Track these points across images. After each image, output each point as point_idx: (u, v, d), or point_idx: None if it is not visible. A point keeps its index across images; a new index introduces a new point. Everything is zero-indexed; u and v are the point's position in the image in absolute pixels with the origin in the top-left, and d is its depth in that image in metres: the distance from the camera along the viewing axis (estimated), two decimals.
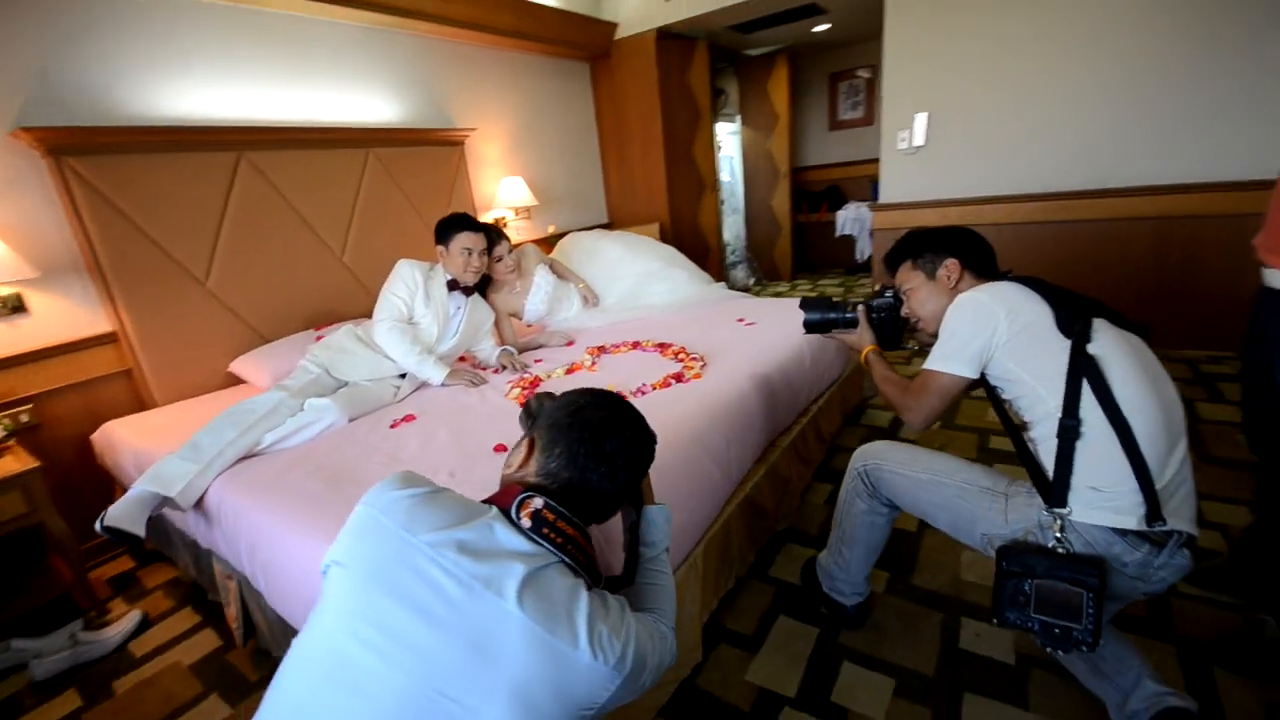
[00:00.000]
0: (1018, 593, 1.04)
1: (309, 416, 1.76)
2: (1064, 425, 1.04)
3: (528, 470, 0.84)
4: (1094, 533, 1.03)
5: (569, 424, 0.84)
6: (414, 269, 2.17)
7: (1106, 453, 1.02)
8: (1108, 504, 1.02)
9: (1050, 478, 1.06)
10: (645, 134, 4.30)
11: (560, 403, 0.89)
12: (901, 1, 3.28)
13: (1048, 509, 1.06)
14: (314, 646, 0.69)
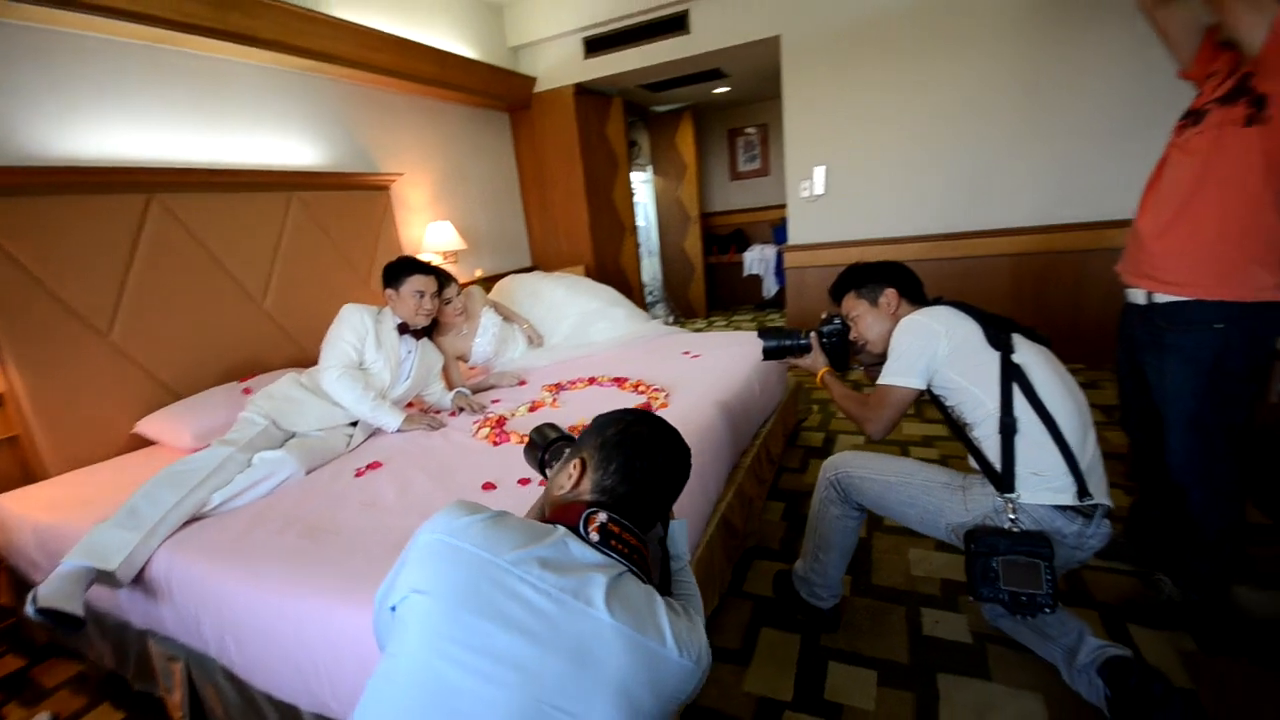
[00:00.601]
0: (987, 570, 1.19)
1: (262, 471, 1.64)
2: (1004, 423, 1.24)
3: (582, 489, 0.88)
4: (1039, 511, 1.22)
5: (620, 441, 0.89)
6: (362, 313, 2.11)
7: (1040, 443, 1.23)
8: (1047, 486, 1.22)
9: (998, 469, 1.25)
10: (567, 181, 4.44)
11: (605, 422, 0.94)
12: (795, 73, 3.71)
13: (1000, 495, 1.25)
14: (404, 677, 0.68)
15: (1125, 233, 1.62)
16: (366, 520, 1.40)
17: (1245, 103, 1.26)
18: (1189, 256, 1.37)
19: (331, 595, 1.13)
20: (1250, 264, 1.29)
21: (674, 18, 3.87)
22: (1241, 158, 1.27)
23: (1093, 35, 3.09)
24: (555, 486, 0.92)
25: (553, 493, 0.92)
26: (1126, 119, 3.13)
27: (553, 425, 1.21)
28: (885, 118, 3.57)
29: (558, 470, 0.95)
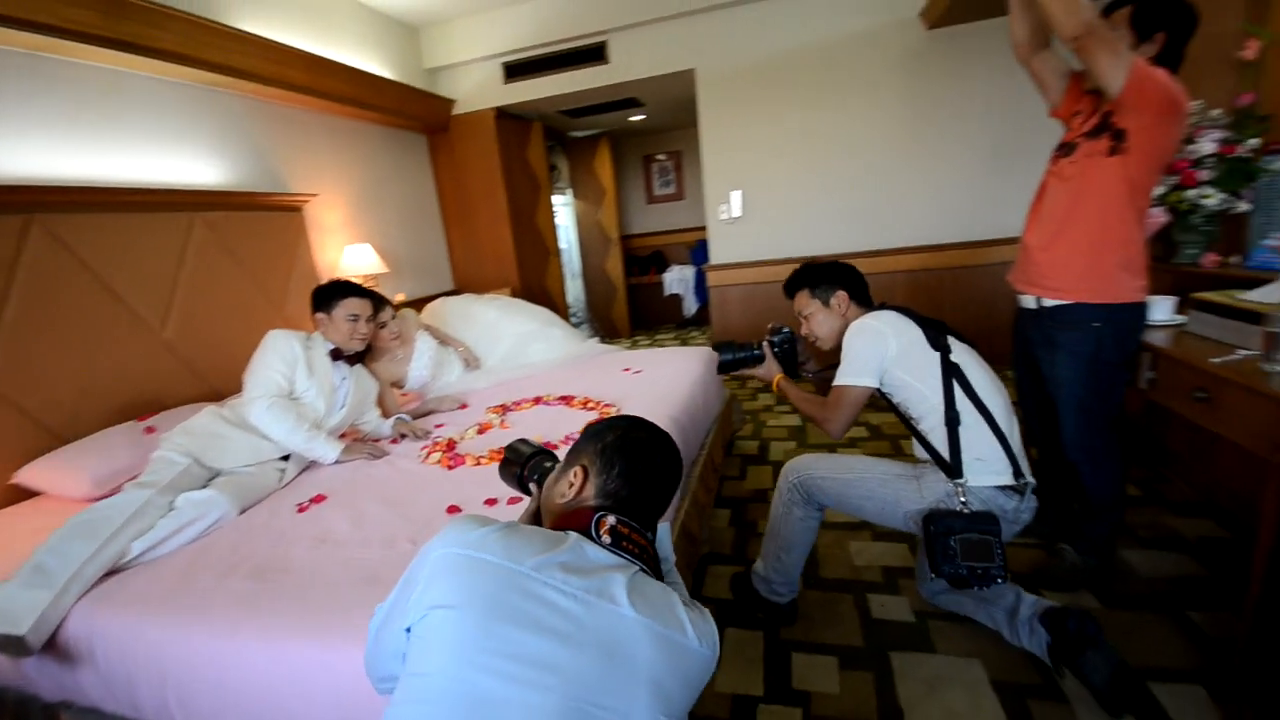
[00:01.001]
0: (946, 549, 1.31)
1: (189, 513, 1.50)
2: (948, 416, 1.39)
3: (585, 495, 0.90)
4: (985, 492, 1.37)
5: (620, 446, 0.92)
6: (290, 339, 1.98)
7: (980, 433, 1.39)
8: (990, 469, 1.37)
9: (947, 458, 1.39)
10: (490, 204, 4.41)
11: (601, 430, 0.96)
12: (710, 104, 3.94)
13: (951, 481, 1.38)
14: (437, 694, 0.66)
15: (999, 250, 1.87)
16: (321, 555, 1.32)
17: (1108, 136, 1.50)
18: (1069, 267, 1.60)
19: (298, 635, 1.06)
20: (1119, 271, 1.54)
21: (593, 48, 3.99)
22: (1107, 183, 1.52)
23: (964, 82, 3.53)
24: (555, 495, 0.93)
25: (553, 501, 0.93)
26: (994, 152, 3.59)
27: (525, 440, 1.22)
28: (793, 146, 3.86)
29: (555, 480, 0.96)
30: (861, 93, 3.69)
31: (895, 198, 3.79)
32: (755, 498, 2.46)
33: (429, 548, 0.78)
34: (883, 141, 3.73)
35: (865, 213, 3.85)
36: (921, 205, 3.77)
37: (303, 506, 1.61)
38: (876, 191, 3.81)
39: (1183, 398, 1.47)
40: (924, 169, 3.71)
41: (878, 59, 3.62)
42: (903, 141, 3.71)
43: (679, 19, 3.81)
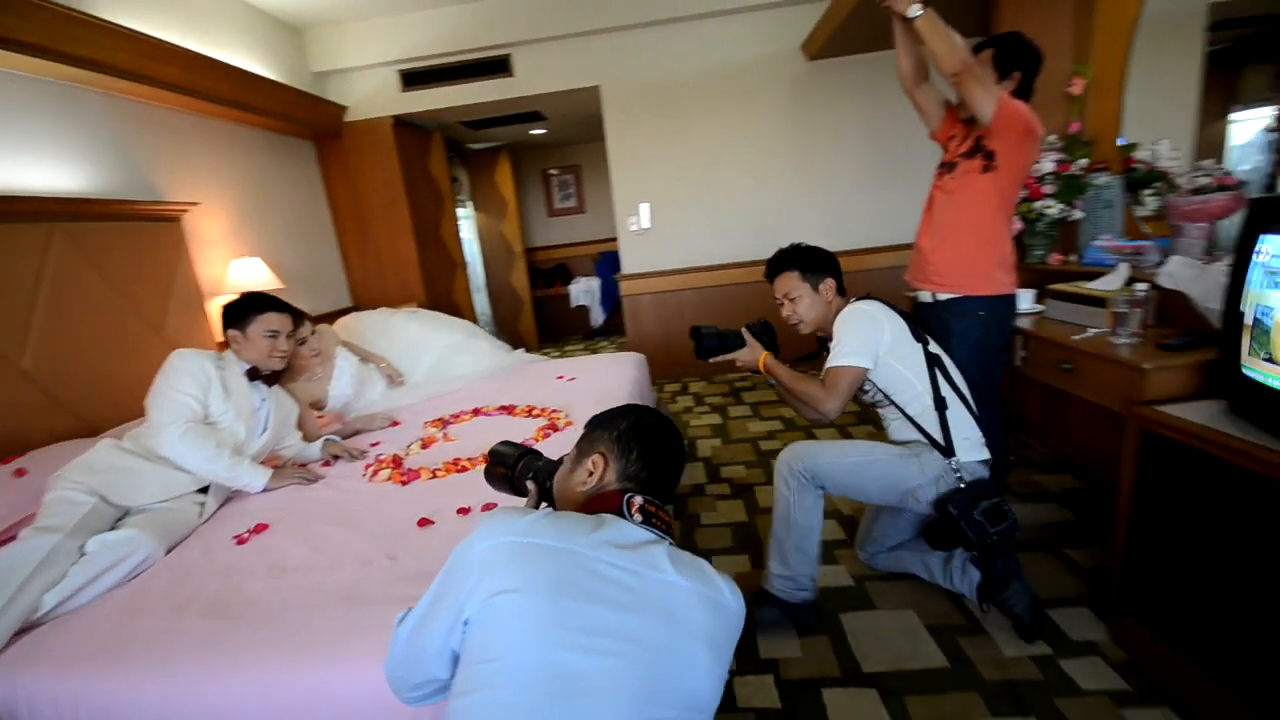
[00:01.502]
0: (974, 523, 1.44)
1: (108, 556, 1.32)
2: (937, 401, 1.54)
3: (607, 480, 0.94)
4: (973, 466, 1.55)
5: (635, 432, 0.97)
6: (199, 358, 1.80)
7: (962, 414, 1.57)
8: (974, 446, 1.55)
9: (940, 440, 1.54)
10: (392, 217, 4.22)
11: (611, 418, 1.00)
12: (615, 120, 4.08)
13: (946, 460, 1.53)
14: (518, 674, 0.68)
15: (881, 256, 2.14)
16: (284, 584, 1.23)
17: (981, 157, 1.79)
18: (956, 266, 1.88)
19: (285, 666, 1.00)
20: (996, 269, 1.83)
21: (497, 60, 3.98)
22: (982, 195, 1.81)
23: (843, 107, 3.96)
24: (574, 485, 0.96)
25: (573, 490, 0.96)
26: (871, 169, 4.04)
27: (507, 443, 1.23)
28: (697, 162, 4.09)
29: (571, 470, 0.99)
30: (755, 114, 4.00)
31: (788, 210, 4.14)
32: (693, 492, 2.58)
33: (470, 542, 0.78)
34: (775, 158, 4.07)
35: (763, 224, 4.16)
36: (812, 216, 4.15)
37: (242, 538, 1.47)
38: (772, 204, 4.14)
39: (1051, 370, 1.79)
40: (812, 184, 4.10)
41: (769, 84, 3.95)
42: (793, 158, 4.07)
43: (583, 37, 3.91)
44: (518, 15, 3.84)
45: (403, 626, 0.86)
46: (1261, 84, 2.09)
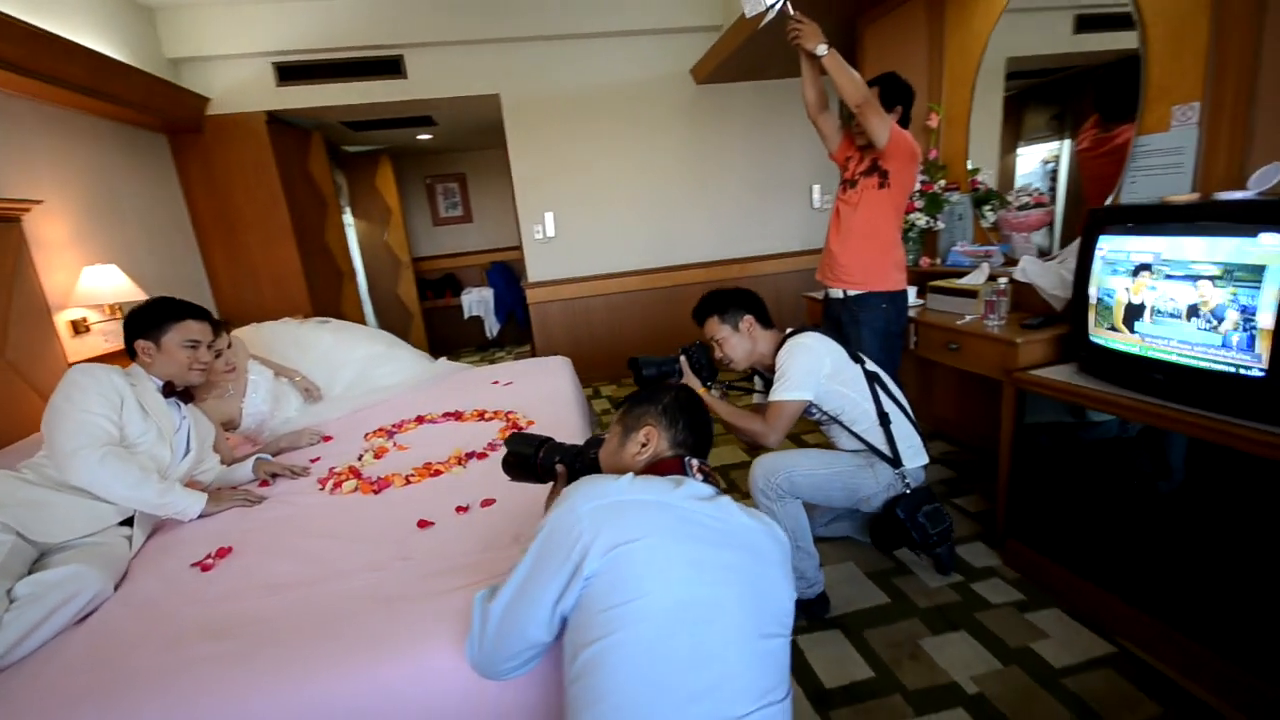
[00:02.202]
0: (918, 525, 1.65)
1: (55, 597, 1.14)
2: (880, 417, 1.71)
3: (660, 448, 1.03)
4: (917, 472, 1.75)
5: (678, 405, 1.07)
6: (107, 374, 1.59)
7: (904, 426, 1.75)
8: (916, 453, 1.75)
9: (887, 452, 1.71)
10: (268, 221, 3.85)
11: (652, 396, 1.09)
12: (517, 129, 4.10)
13: (893, 469, 1.72)
14: (658, 608, 0.76)
15: (766, 263, 2.44)
16: (290, 599, 1.16)
17: (877, 175, 2.14)
18: (862, 267, 2.20)
19: (343, 665, 0.96)
20: (894, 269, 2.18)
21: (388, 60, 3.82)
22: (879, 207, 2.15)
23: (728, 127, 4.34)
24: (627, 457, 1.04)
25: (626, 463, 1.04)
26: (753, 185, 4.47)
27: (518, 436, 1.28)
28: (598, 172, 4.24)
29: (620, 446, 1.06)
30: (651, 130, 4.25)
31: (684, 220, 4.43)
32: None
33: (571, 507, 0.84)
34: (670, 172, 4.34)
35: (661, 233, 4.41)
36: (704, 226, 4.48)
37: (206, 564, 1.33)
38: (669, 215, 4.40)
39: (941, 350, 2.17)
40: (703, 197, 4.43)
41: (663, 103, 4.22)
42: (685, 173, 4.37)
43: (483, 44, 3.90)
44: (411, 16, 3.72)
45: (494, 602, 0.89)
46: (1040, 124, 2.69)
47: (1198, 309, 1.33)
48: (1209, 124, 1.66)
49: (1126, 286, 1.50)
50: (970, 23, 2.49)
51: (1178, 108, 1.74)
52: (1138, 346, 1.48)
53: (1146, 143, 1.85)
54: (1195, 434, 1.34)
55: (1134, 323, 1.49)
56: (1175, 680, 1.40)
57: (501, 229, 6.23)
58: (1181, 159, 1.75)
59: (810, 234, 4.62)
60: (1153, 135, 1.83)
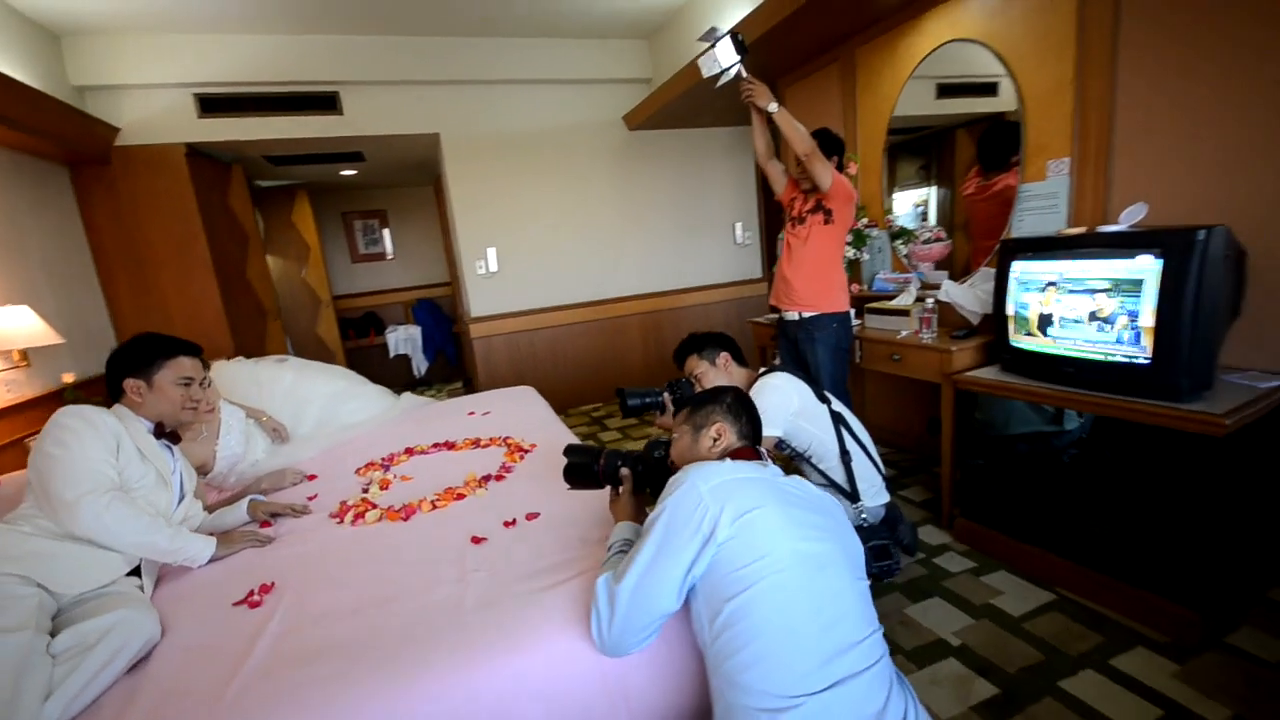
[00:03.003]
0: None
1: (109, 646, 1.07)
2: (843, 456, 1.87)
3: (731, 440, 1.19)
4: (875, 509, 1.92)
5: (741, 401, 1.24)
6: (101, 416, 1.49)
7: (865, 465, 1.92)
8: (877, 492, 1.92)
9: (846, 487, 1.87)
10: (185, 257, 3.59)
11: (715, 395, 1.25)
12: (458, 167, 4.14)
13: (852, 505, 1.88)
14: (786, 561, 0.91)
15: (695, 295, 2.75)
16: (374, 616, 1.17)
17: (822, 213, 2.47)
18: (814, 292, 2.51)
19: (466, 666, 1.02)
20: (840, 292, 2.51)
21: (324, 96, 3.77)
22: (825, 240, 2.48)
23: (658, 171, 4.66)
24: (701, 450, 1.19)
25: (701, 454, 1.18)
26: (681, 224, 4.80)
27: (577, 448, 1.39)
28: (538, 209, 4.37)
29: (694, 443, 1.20)
30: (588, 171, 4.47)
31: (619, 256, 4.66)
32: None
33: (692, 487, 0.98)
34: (605, 210, 4.57)
35: (598, 268, 4.60)
36: (637, 262, 4.73)
37: (254, 602, 1.29)
38: (605, 251, 4.61)
39: (884, 361, 2.51)
40: (636, 234, 4.69)
41: (598, 146, 4.46)
42: (619, 211, 4.62)
43: (422, 85, 3.95)
44: (349, 55, 3.71)
45: (622, 583, 0.99)
46: (911, 173, 3.21)
47: (1095, 315, 1.72)
48: (1077, 175, 2.14)
49: (1038, 300, 1.88)
50: (879, 88, 2.96)
51: (1052, 162, 2.22)
52: (1050, 347, 1.86)
53: (1028, 189, 2.31)
54: (1099, 412, 1.71)
55: (1046, 329, 1.87)
56: (1106, 614, 1.74)
57: (426, 266, 6.14)
58: (1057, 201, 2.22)
59: (733, 267, 5.02)
60: (1033, 183, 2.30)
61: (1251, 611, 1.67)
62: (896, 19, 2.75)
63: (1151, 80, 1.87)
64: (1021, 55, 2.26)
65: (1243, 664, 1.50)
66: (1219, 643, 1.57)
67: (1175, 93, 1.82)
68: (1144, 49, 1.88)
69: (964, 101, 2.91)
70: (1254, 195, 1.68)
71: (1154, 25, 1.84)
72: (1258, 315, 1.71)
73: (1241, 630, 1.61)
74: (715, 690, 0.95)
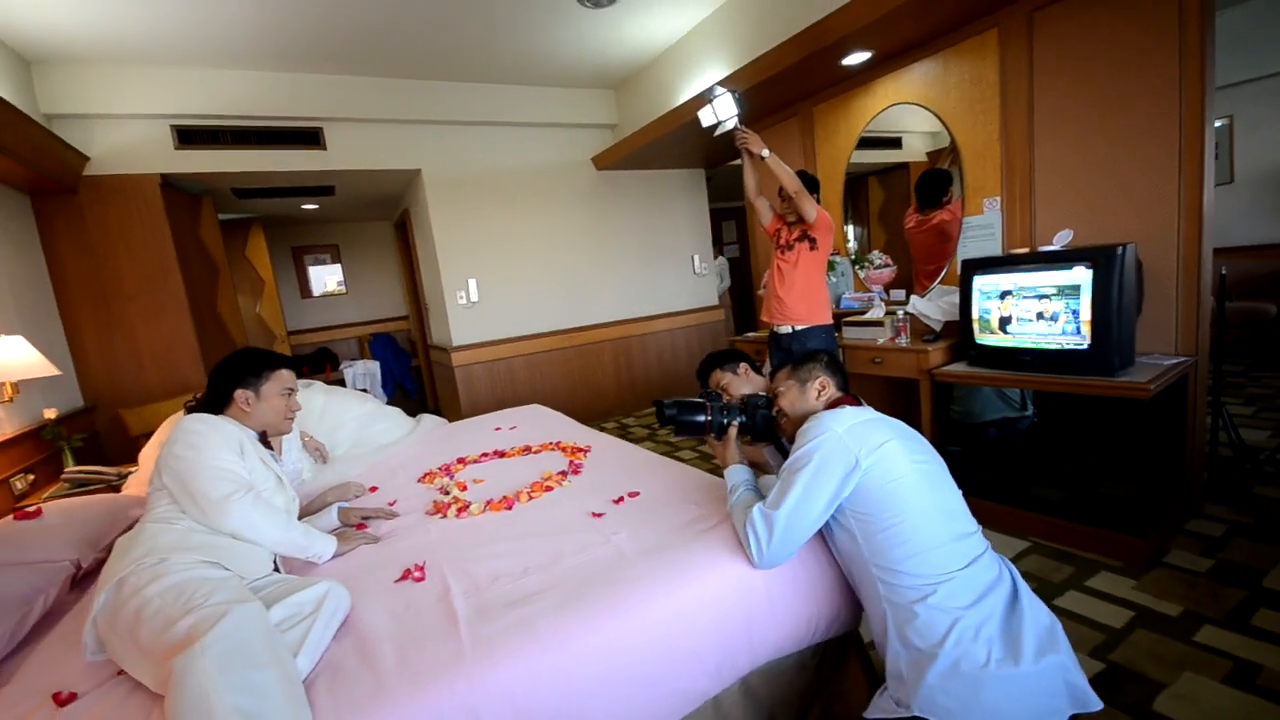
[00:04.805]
0: None
1: (330, 609, 1.18)
2: None
3: (832, 392, 1.48)
4: None
5: (834, 361, 1.52)
6: (224, 424, 1.56)
7: None
8: None
9: None
10: (156, 290, 3.46)
11: (811, 357, 1.51)
12: (439, 201, 4.30)
13: None
14: (912, 477, 1.20)
15: (660, 321, 3.22)
16: (543, 576, 1.33)
17: (808, 241, 2.90)
18: (805, 308, 2.92)
19: (656, 589, 1.23)
20: (825, 308, 2.93)
21: (308, 131, 3.82)
22: (812, 264, 2.91)
23: (624, 207, 5.02)
24: (810, 399, 1.45)
25: (811, 405, 1.45)
26: (646, 256, 5.17)
27: (680, 403, 1.61)
28: (517, 242, 4.58)
29: (801, 395, 1.47)
30: (561, 207, 4.75)
31: (590, 286, 4.93)
32: None
33: (830, 432, 1.25)
34: (577, 244, 4.85)
35: (572, 297, 4.85)
36: (607, 292, 5.02)
37: (418, 578, 1.40)
38: (578, 281, 4.87)
39: (866, 364, 2.94)
40: (605, 265, 4.99)
41: (569, 184, 4.77)
42: (591, 245, 4.91)
43: (406, 124, 4.09)
44: (333, 93, 3.80)
45: (780, 509, 1.25)
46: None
47: (1043, 314, 2.22)
48: (1007, 210, 2.70)
49: (998, 306, 2.37)
50: (836, 140, 3.51)
51: (987, 200, 2.78)
52: (1010, 342, 2.34)
53: (970, 221, 2.87)
54: (1051, 389, 2.19)
55: (1006, 328, 2.35)
56: (1073, 551, 2.19)
57: (382, 300, 6.08)
58: (993, 230, 2.78)
59: (693, 296, 5.43)
60: (973, 217, 2.85)
61: (1177, 538, 2.17)
62: (850, 84, 3.30)
63: (1059, 137, 2.46)
64: (958, 116, 2.84)
65: (1182, 574, 1.97)
66: (1160, 563, 2.05)
67: (1077, 145, 2.40)
68: (1052, 113, 2.47)
69: (875, 153, 3.52)
70: (1143, 222, 2.26)
71: (1058, 94, 2.44)
72: (1151, 312, 2.27)
73: (1174, 552, 2.09)
74: (872, 584, 1.21)
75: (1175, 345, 2.24)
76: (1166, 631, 1.72)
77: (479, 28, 3.37)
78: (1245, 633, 1.67)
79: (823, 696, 1.45)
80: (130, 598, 1.14)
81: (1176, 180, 2.15)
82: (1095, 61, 2.30)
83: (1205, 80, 2.04)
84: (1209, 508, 2.34)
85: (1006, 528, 2.40)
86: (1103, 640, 1.72)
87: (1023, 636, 1.09)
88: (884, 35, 2.73)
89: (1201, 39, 2.03)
